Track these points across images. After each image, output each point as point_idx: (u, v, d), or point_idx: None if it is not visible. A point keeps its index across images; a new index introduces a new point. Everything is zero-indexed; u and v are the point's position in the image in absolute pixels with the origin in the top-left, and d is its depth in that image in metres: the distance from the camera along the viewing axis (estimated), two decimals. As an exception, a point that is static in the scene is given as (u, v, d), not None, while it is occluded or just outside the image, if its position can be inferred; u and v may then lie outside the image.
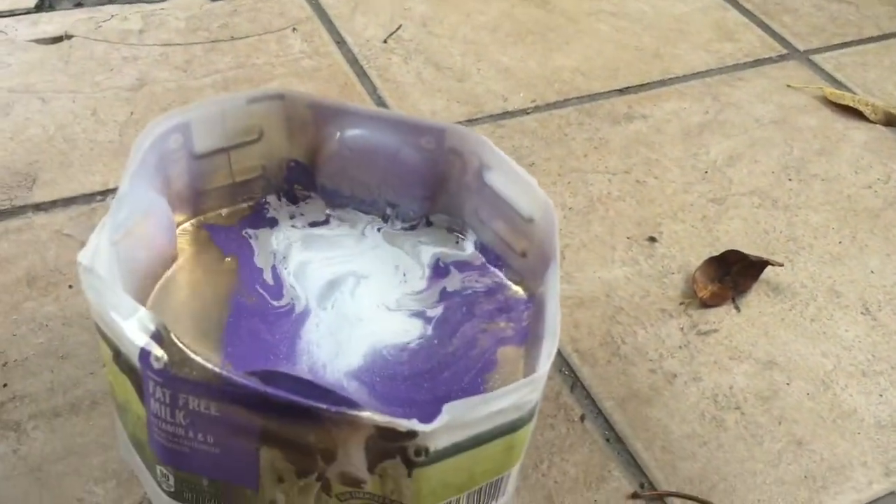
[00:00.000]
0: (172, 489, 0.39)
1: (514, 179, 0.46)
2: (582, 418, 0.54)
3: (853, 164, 0.76)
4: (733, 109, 0.81)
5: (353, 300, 0.47)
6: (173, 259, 0.48)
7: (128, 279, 0.43)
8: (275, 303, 0.46)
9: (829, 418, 0.56)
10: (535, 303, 0.46)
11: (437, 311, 0.47)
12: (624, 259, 0.65)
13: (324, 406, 0.34)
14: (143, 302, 0.45)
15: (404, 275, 0.48)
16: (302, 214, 0.51)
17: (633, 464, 0.52)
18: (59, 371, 0.52)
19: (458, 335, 0.46)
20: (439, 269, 0.49)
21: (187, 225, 0.50)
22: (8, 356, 0.53)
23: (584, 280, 0.63)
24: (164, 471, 0.39)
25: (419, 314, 0.47)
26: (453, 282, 0.48)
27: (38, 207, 0.63)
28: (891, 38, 0.94)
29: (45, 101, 0.72)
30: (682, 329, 0.60)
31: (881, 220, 0.71)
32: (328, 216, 0.50)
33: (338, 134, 0.49)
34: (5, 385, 0.51)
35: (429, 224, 0.52)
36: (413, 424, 0.35)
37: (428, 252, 0.50)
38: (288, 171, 0.51)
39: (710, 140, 0.77)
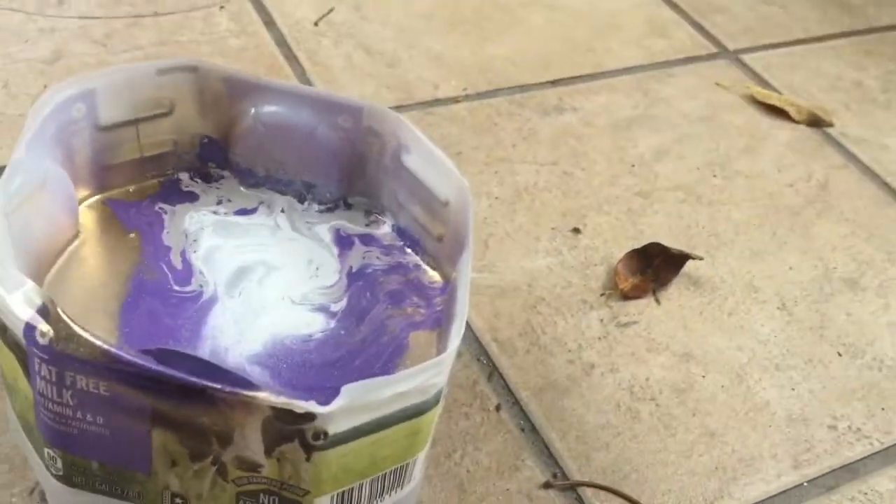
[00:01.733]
0: (61, 473, 0.38)
1: (431, 161, 0.45)
2: (497, 408, 0.54)
3: (776, 162, 0.77)
4: (662, 105, 0.81)
5: (261, 290, 0.45)
6: (75, 235, 0.46)
7: (22, 253, 0.41)
8: (179, 288, 0.44)
9: (742, 411, 0.56)
10: (450, 288, 0.46)
11: (341, 305, 0.45)
12: (548, 249, 0.65)
13: (218, 386, 0.33)
14: (40, 278, 0.43)
15: (317, 269, 0.47)
16: (218, 192, 0.50)
17: (546, 453, 0.52)
18: (-47, 350, 0.50)
19: (367, 322, 0.45)
20: (343, 241, 0.48)
21: (92, 201, 0.48)
22: None
23: (506, 270, 0.63)
24: (52, 453, 0.37)
25: (323, 308, 0.45)
26: (356, 257, 0.47)
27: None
28: (817, 41, 0.95)
29: (-48, 71, 0.69)
30: (601, 320, 0.60)
31: (801, 217, 0.72)
32: (249, 208, 0.48)
33: (252, 110, 0.48)
34: None
35: (347, 206, 0.51)
36: (311, 406, 0.33)
37: (337, 232, 0.49)
38: (200, 148, 0.50)
39: (638, 134, 0.77)
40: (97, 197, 0.48)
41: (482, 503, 0.49)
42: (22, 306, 0.34)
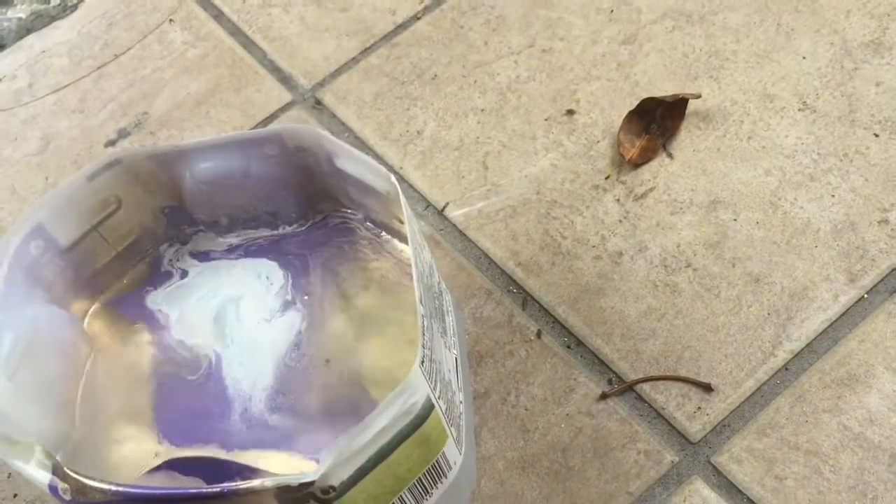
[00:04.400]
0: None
1: (356, 161, 0.45)
2: (538, 334, 0.54)
3: (764, -63, 0.70)
4: (626, -75, 0.75)
5: (242, 325, 0.48)
6: (88, 351, 0.49)
7: (45, 397, 0.45)
8: (192, 376, 0.47)
9: (783, 241, 0.54)
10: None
11: (298, 297, 0.48)
12: (546, 145, 0.63)
13: (216, 490, 0.36)
14: (72, 407, 0.47)
15: (267, 278, 0.49)
16: (193, 250, 0.52)
17: (596, 363, 0.52)
18: None
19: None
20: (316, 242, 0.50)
21: (94, 308, 0.51)
22: None
23: (511, 185, 0.61)
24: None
25: (286, 307, 0.47)
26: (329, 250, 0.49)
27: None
28: None
29: (-35, 200, 0.73)
30: (618, 200, 0.59)
31: (804, -8, 0.66)
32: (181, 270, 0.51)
33: (188, 174, 0.49)
34: None
35: (316, 219, 0.51)
36: (301, 478, 0.35)
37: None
38: (166, 218, 0.51)
39: (608, -28, 0.72)
40: (98, 304, 0.51)
41: (546, 437, 0.50)
42: (39, 472, 0.38)
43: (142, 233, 0.51)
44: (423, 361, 0.37)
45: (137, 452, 0.45)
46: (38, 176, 0.73)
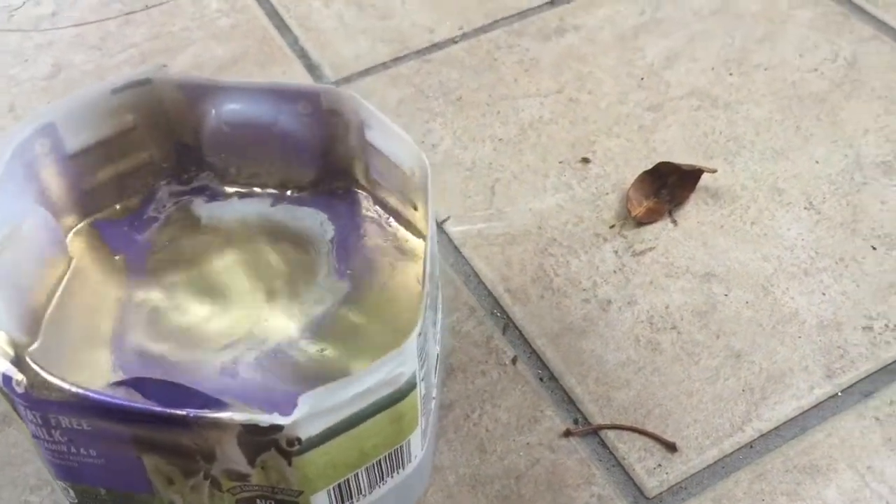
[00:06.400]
0: (76, 500, 0.40)
1: (390, 135, 0.45)
2: (514, 360, 0.54)
3: (798, 46, 0.73)
4: (670, 6, 0.77)
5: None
6: (67, 263, 0.47)
7: (14, 295, 0.43)
8: (162, 316, 0.45)
9: (769, 325, 0.55)
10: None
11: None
12: (556, 186, 0.63)
13: (182, 413, 0.34)
14: (39, 314, 0.45)
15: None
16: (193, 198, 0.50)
17: (566, 400, 0.52)
18: (-11, 383, 0.53)
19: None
20: (330, 220, 0.49)
21: (81, 226, 0.49)
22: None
23: (515, 214, 0.62)
24: (63, 485, 0.39)
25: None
26: (341, 233, 0.48)
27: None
28: None
29: (-40, 104, 0.71)
30: (616, 252, 0.59)
31: (827, 103, 0.68)
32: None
33: (213, 111, 0.48)
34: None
35: (325, 189, 0.51)
36: (273, 418, 0.34)
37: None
38: (176, 155, 0.50)
39: (646, 42, 0.74)
40: (85, 221, 0.49)
41: (503, 461, 0.49)
42: (-2, 359, 0.36)
43: (148, 162, 0.50)
44: (420, 334, 0.37)
45: (92, 382, 0.43)
46: (40, 99, 0.71)
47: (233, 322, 0.45)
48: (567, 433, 0.50)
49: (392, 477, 0.41)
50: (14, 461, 0.49)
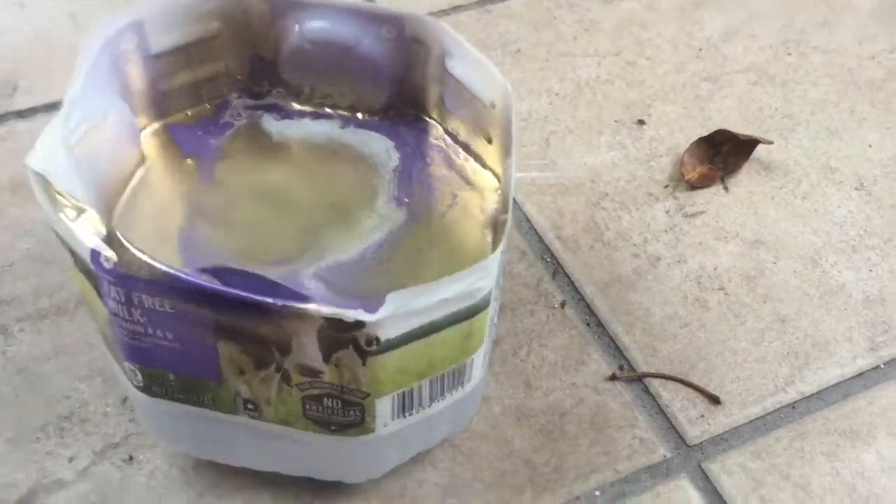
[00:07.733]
0: (142, 384, 0.40)
1: (474, 65, 0.45)
2: (562, 304, 0.54)
3: (857, 34, 0.73)
4: (732, -18, 0.77)
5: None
6: (140, 162, 0.48)
7: (91, 183, 0.43)
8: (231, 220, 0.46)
9: (816, 295, 0.55)
10: (502, 188, 0.46)
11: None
12: (611, 143, 0.64)
13: (269, 300, 0.35)
14: (111, 206, 0.45)
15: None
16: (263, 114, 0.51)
17: (612, 347, 0.53)
18: (45, 275, 0.53)
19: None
20: (396, 148, 0.49)
21: (153, 128, 0.50)
22: (-6, 264, 0.54)
23: (569, 166, 0.62)
24: (132, 367, 0.40)
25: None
26: (409, 163, 0.48)
27: (20, 115, 0.63)
28: None
29: (22, 7, 0.71)
30: (667, 212, 0.60)
31: (883, 91, 0.68)
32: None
33: (297, 27, 0.48)
34: (-8, 292, 0.53)
35: (395, 115, 0.51)
36: (358, 314, 0.35)
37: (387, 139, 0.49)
38: (251, 67, 0.50)
39: (705, 16, 0.74)
40: (157, 124, 0.50)
41: (548, 398, 0.50)
42: (87, 234, 0.36)
43: (224, 73, 0.50)
44: (503, 252, 0.37)
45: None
46: (101, 10, 0.71)
47: (292, 236, 0.46)
48: (612, 377, 0.51)
49: (451, 394, 0.42)
50: (70, 349, 0.50)
